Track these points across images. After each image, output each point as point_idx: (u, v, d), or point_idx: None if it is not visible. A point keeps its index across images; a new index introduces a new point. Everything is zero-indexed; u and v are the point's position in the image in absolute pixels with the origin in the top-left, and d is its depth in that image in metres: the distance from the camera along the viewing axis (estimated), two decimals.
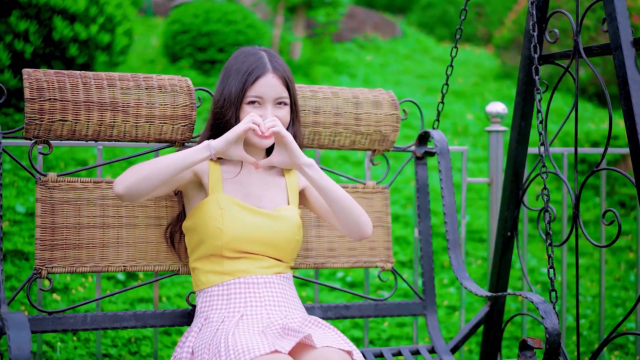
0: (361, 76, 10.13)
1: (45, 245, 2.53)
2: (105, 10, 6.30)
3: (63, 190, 2.57)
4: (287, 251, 2.56)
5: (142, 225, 2.66)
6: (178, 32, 8.82)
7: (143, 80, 2.63)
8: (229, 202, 2.50)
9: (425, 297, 3.03)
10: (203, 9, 8.88)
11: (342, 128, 2.89)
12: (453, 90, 9.64)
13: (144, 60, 9.49)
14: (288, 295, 2.54)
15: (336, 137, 2.90)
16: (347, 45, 11.78)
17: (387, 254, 3.00)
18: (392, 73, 10.68)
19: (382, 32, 12.90)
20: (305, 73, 9.72)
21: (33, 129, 2.49)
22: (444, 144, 3.02)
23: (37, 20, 5.84)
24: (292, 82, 2.59)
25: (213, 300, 2.49)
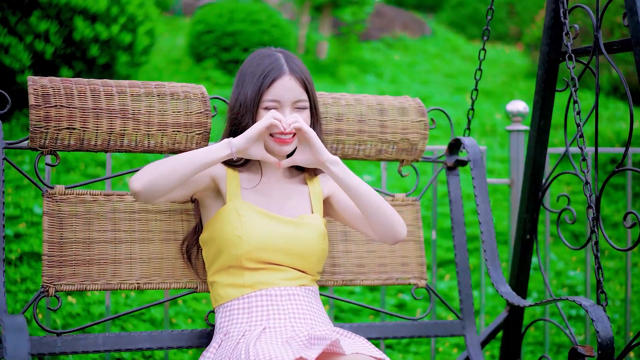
0: (388, 75, 9.96)
1: (53, 262, 2.39)
2: (126, 10, 6.18)
3: (72, 203, 2.43)
4: (311, 261, 2.39)
5: (157, 240, 2.51)
6: (203, 32, 8.70)
7: (154, 87, 2.49)
8: (248, 209, 2.34)
9: (463, 317, 2.83)
10: (227, 9, 8.76)
11: (366, 136, 2.73)
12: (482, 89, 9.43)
13: (169, 61, 9.38)
14: (314, 309, 2.37)
15: (361, 146, 2.73)
16: (375, 45, 11.60)
17: (421, 270, 2.82)
18: (420, 72, 10.50)
19: (411, 31, 12.71)
20: (332, 73, 9.57)
21: (39, 138, 2.36)
22: (477, 152, 2.84)
23: (58, 21, 5.74)
24: (311, 84, 2.43)
25: (233, 315, 2.32)
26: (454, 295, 4.70)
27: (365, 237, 2.74)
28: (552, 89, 2.87)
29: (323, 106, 2.69)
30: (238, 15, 8.72)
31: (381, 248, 2.76)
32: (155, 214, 2.52)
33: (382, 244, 2.75)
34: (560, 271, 5.19)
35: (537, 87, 2.89)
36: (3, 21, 5.51)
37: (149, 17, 6.62)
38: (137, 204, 2.50)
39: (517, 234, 3.01)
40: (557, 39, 2.81)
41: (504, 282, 2.71)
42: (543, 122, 2.90)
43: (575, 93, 2.52)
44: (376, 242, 2.71)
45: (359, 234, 2.74)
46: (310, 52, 10.19)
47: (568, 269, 5.23)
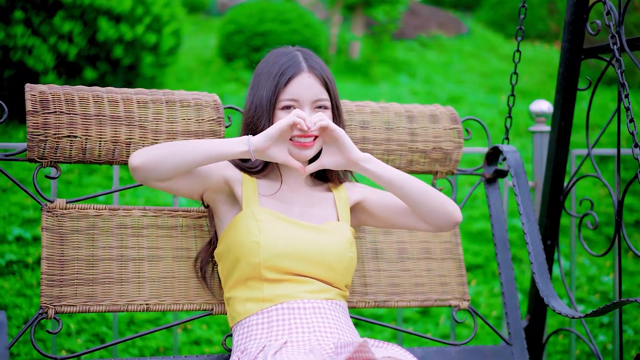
0: (422, 75, 9.72)
1: (53, 281, 2.20)
2: (151, 10, 6.04)
3: (74, 218, 2.25)
4: (338, 271, 2.15)
5: (168, 257, 2.31)
6: (233, 33, 8.56)
7: (163, 94, 2.31)
8: (266, 214, 2.12)
9: (512, 341, 2.58)
10: (258, 9, 8.60)
11: (395, 145, 2.52)
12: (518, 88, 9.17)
13: (200, 61, 9.25)
14: (342, 323, 2.11)
15: (390, 156, 2.52)
16: (409, 44, 11.37)
17: (462, 291, 2.58)
18: (455, 72, 10.25)
19: (447, 30, 12.46)
20: (364, 73, 9.37)
21: (37, 147, 2.18)
22: (518, 161, 2.61)
23: (82, 21, 5.61)
24: (333, 83, 2.21)
25: (252, 331, 2.08)
26: (478, 300, 4.46)
27: (398, 255, 2.52)
28: (573, 87, 2.71)
29: (347, 114, 2.49)
30: (268, 15, 8.56)
31: (417, 267, 2.54)
32: (166, 229, 2.32)
33: (416, 261, 2.53)
34: (593, 276, 4.94)
35: (557, 85, 2.73)
36: (27, 22, 5.39)
37: (175, 17, 6.47)
38: (145, 219, 2.31)
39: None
40: (578, 35, 2.65)
41: (555, 296, 2.47)
42: (564, 123, 2.75)
43: (626, 99, 2.30)
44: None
45: (390, 252, 2.52)
46: (342, 52, 9.99)
47: (601, 274, 4.98)
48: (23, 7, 5.35)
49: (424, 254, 2.55)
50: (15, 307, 3.72)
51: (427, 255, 2.55)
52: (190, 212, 2.36)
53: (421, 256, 2.54)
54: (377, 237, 2.52)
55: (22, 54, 5.30)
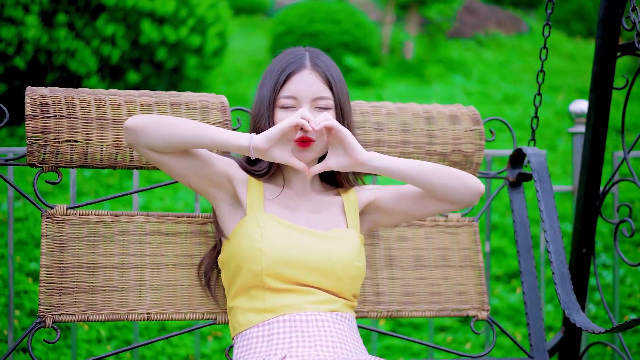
0: (477, 75, 9.53)
1: (52, 289, 2.15)
2: (196, 12, 6.02)
3: (74, 224, 2.20)
4: (344, 281, 2.04)
5: (170, 265, 2.24)
6: (283, 34, 8.52)
7: (168, 97, 2.24)
8: (270, 220, 2.03)
9: (534, 354, 2.46)
10: (307, 9, 8.55)
11: (412, 147, 2.41)
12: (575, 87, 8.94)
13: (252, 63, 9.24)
14: (347, 337, 2.01)
15: None
16: (466, 43, 11.18)
17: (482, 300, 2.46)
18: (512, 71, 10.03)
19: (506, 28, 12.23)
20: (418, 73, 9.23)
21: (37, 152, 2.13)
22: (542, 163, 2.48)
23: (125, 24, 5.61)
24: (339, 82, 2.11)
25: (251, 344, 1.99)
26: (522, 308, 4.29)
27: (413, 262, 2.41)
28: (608, 86, 2.55)
29: (361, 115, 2.39)
30: (318, 15, 8.50)
31: (433, 275, 2.43)
32: (169, 236, 2.26)
33: (433, 269, 2.42)
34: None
35: (591, 84, 2.58)
36: (70, 25, 5.42)
37: (220, 19, 6.44)
38: (148, 226, 2.25)
39: (573, 247, 2.69)
40: (612, 31, 2.50)
41: (578, 309, 2.33)
42: (599, 123, 2.59)
43: None
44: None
45: (405, 259, 2.41)
46: (396, 52, 9.87)
47: None
48: (66, 11, 5.37)
49: (441, 261, 2.44)
50: None
51: (444, 262, 2.43)
52: (195, 217, 2.29)
53: (438, 264, 2.43)
54: (392, 243, 2.42)
55: (65, 58, 5.32)
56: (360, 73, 8.44)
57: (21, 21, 5.07)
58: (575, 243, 2.67)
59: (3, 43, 5.06)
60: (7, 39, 5.04)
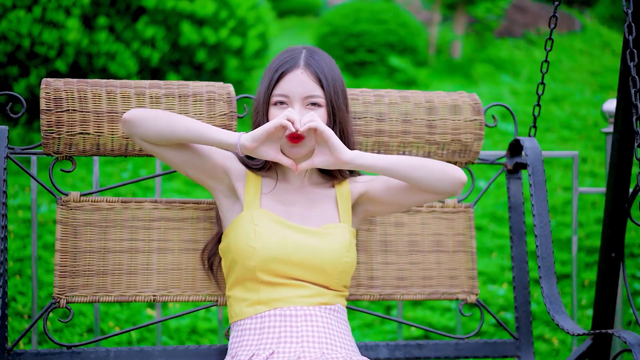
0: (525, 74, 9.49)
1: (65, 272, 2.29)
2: (236, 13, 6.14)
3: (87, 211, 2.33)
4: (333, 276, 2.17)
5: (176, 250, 2.37)
6: (328, 34, 8.61)
7: (177, 88, 2.36)
8: (264, 218, 2.16)
9: (519, 336, 2.55)
10: (352, 9, 8.62)
11: (412, 137, 2.49)
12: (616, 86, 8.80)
13: None
14: (334, 331, 2.15)
15: (406, 148, 2.50)
16: (516, 42, 11.12)
17: (471, 284, 2.55)
18: (562, 70, 9.95)
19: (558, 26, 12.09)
20: (466, 73, 9.23)
21: (52, 143, 2.27)
22: (538, 155, 2.54)
23: (165, 26, 5.77)
24: (331, 80, 2.20)
25: (244, 335, 2.15)
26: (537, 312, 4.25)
27: (408, 248, 2.50)
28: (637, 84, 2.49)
29: (363, 105, 2.48)
30: (363, 15, 8.57)
31: (426, 259, 2.52)
32: (175, 222, 2.38)
33: (426, 254, 2.51)
34: None
35: (619, 82, 2.53)
36: (110, 28, 5.59)
37: (261, 20, 6.57)
38: (156, 212, 2.37)
39: (601, 252, 2.64)
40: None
41: (559, 302, 2.39)
42: (626, 122, 2.55)
43: None
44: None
45: (400, 244, 2.51)
46: (443, 52, 9.89)
47: None
48: (107, 14, 5.55)
49: (435, 246, 2.52)
50: None
51: (438, 247, 2.52)
52: (201, 204, 2.41)
53: (432, 249, 2.52)
54: (388, 229, 2.51)
55: (106, 60, 5.50)
56: (406, 73, 8.49)
57: (62, 24, 5.26)
58: (603, 247, 2.63)
59: (45, 46, 5.25)
60: (48, 42, 5.23)
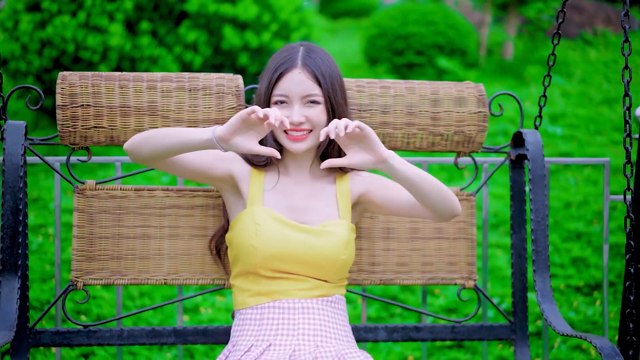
0: (579, 75, 9.40)
1: (82, 257, 2.44)
2: (279, 16, 6.25)
3: (102, 199, 2.48)
4: (330, 271, 2.30)
5: (186, 236, 2.50)
6: (376, 36, 8.68)
7: (188, 81, 2.48)
8: (266, 217, 2.27)
9: (514, 320, 2.62)
10: (401, 11, 8.67)
11: (416, 129, 2.57)
12: None
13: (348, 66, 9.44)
14: (330, 323, 2.28)
15: (410, 139, 2.58)
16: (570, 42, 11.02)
17: (470, 270, 2.63)
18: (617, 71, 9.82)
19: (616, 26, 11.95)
20: (517, 74, 9.20)
21: (67, 136, 2.42)
22: (538, 149, 2.59)
23: (207, 30, 5.91)
24: (329, 78, 2.30)
25: (245, 325, 2.29)
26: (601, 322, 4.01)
27: (409, 235, 2.60)
28: None
29: (369, 97, 2.56)
30: (411, 17, 8.61)
31: (427, 246, 2.61)
32: (186, 209, 2.51)
33: (427, 241, 2.59)
34: None
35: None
36: (153, 33, 5.76)
37: (305, 23, 6.67)
38: (167, 200, 2.50)
39: (627, 263, 2.48)
40: None
41: (551, 297, 2.45)
42: None
43: None
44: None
45: (402, 231, 2.60)
46: (495, 53, 9.88)
47: None
48: (150, 18, 5.72)
49: (436, 233, 2.60)
50: None
51: (439, 234, 2.60)
52: (210, 192, 2.53)
53: (433, 236, 2.60)
54: (391, 217, 2.60)
55: (148, 65, 5.67)
56: (455, 75, 8.52)
57: (106, 29, 5.45)
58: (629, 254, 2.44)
59: (89, 51, 5.45)
60: (92, 47, 5.42)
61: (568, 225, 5.12)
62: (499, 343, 3.80)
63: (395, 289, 4.29)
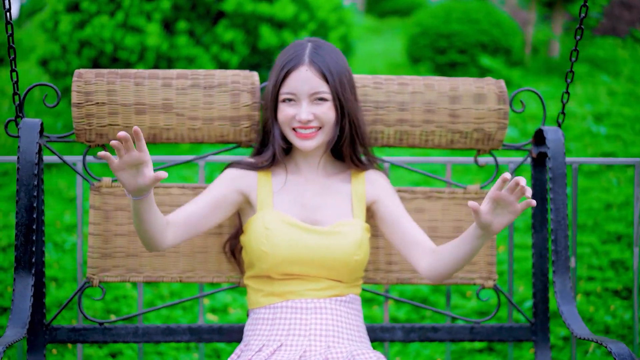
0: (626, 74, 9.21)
1: (97, 254, 2.45)
2: (317, 15, 6.24)
3: (117, 196, 2.48)
4: (343, 272, 2.27)
5: (201, 234, 2.49)
6: (418, 35, 8.61)
7: (203, 78, 2.47)
8: (276, 221, 2.25)
9: (535, 321, 2.56)
10: (443, 9, 8.60)
11: (434, 126, 2.53)
12: None
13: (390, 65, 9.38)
14: (343, 323, 2.25)
15: (429, 137, 2.54)
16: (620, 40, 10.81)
17: (489, 270, 2.57)
18: None
19: None
20: (563, 72, 9.05)
21: (84, 133, 2.43)
22: (559, 146, 2.53)
23: (244, 30, 5.91)
24: (337, 74, 2.27)
25: (257, 324, 2.28)
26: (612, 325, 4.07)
27: (429, 234, 2.55)
28: None
29: (386, 94, 2.53)
30: (454, 15, 8.53)
31: None
32: None
33: (446, 239, 2.55)
34: None
35: None
36: (190, 33, 5.78)
37: (344, 22, 6.65)
38: (183, 197, 2.50)
39: None
40: None
41: (571, 299, 2.39)
42: None
43: None
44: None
45: None
46: (541, 52, 9.73)
47: None
48: (187, 18, 5.75)
49: (455, 232, 2.55)
50: None
51: (458, 233, 2.55)
52: None
53: (452, 234, 2.55)
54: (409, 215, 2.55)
55: (185, 65, 5.70)
56: (498, 74, 8.42)
57: (143, 29, 5.49)
58: None
59: (127, 51, 5.49)
60: (130, 47, 5.47)
61: (608, 227, 5.00)
62: (530, 347, 3.73)
63: (425, 290, 4.23)
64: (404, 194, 2.57)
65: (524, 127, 6.82)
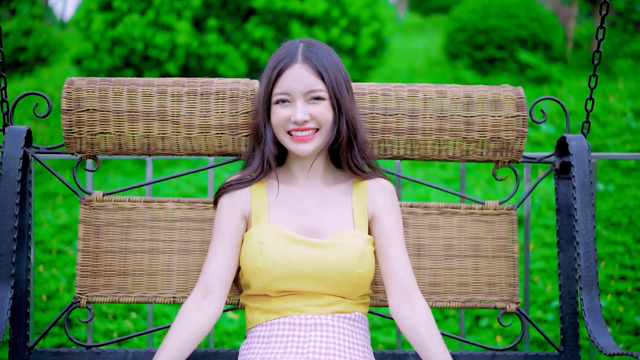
0: None
1: (87, 272, 2.31)
2: (349, 11, 6.08)
3: (109, 210, 2.34)
4: (346, 287, 2.07)
5: (197, 251, 2.33)
6: (455, 31, 8.40)
7: (200, 85, 2.32)
8: (270, 234, 2.07)
9: (563, 349, 2.36)
10: (481, 4, 8.37)
11: (447, 135, 2.34)
12: None
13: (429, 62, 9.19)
14: (346, 341, 2.05)
15: (442, 147, 2.35)
16: None
17: (512, 292, 2.37)
18: None
19: None
20: (605, 68, 8.76)
21: (74, 143, 2.29)
22: (584, 155, 2.33)
23: (274, 26, 5.79)
24: (332, 72, 2.10)
25: (253, 342, 2.09)
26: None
27: (443, 252, 2.37)
28: None
29: (396, 101, 2.35)
30: (492, 10, 8.31)
31: (463, 265, 2.37)
32: (198, 222, 2.35)
33: (463, 259, 2.36)
34: None
35: None
36: (220, 30, 5.66)
37: (377, 18, 6.47)
38: (178, 212, 2.35)
39: None
40: None
41: (601, 317, 2.18)
42: None
43: None
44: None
45: (435, 248, 2.37)
46: (583, 47, 9.45)
47: None
48: (217, 15, 5.63)
49: (473, 251, 2.37)
50: None
51: (476, 252, 2.36)
52: None
53: (469, 253, 2.36)
54: (422, 232, 2.38)
55: (215, 62, 5.57)
56: (538, 69, 8.18)
57: (174, 27, 5.39)
58: None
59: (157, 49, 5.38)
60: (160, 45, 5.36)
61: None
62: None
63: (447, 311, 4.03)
64: (417, 209, 2.40)
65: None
